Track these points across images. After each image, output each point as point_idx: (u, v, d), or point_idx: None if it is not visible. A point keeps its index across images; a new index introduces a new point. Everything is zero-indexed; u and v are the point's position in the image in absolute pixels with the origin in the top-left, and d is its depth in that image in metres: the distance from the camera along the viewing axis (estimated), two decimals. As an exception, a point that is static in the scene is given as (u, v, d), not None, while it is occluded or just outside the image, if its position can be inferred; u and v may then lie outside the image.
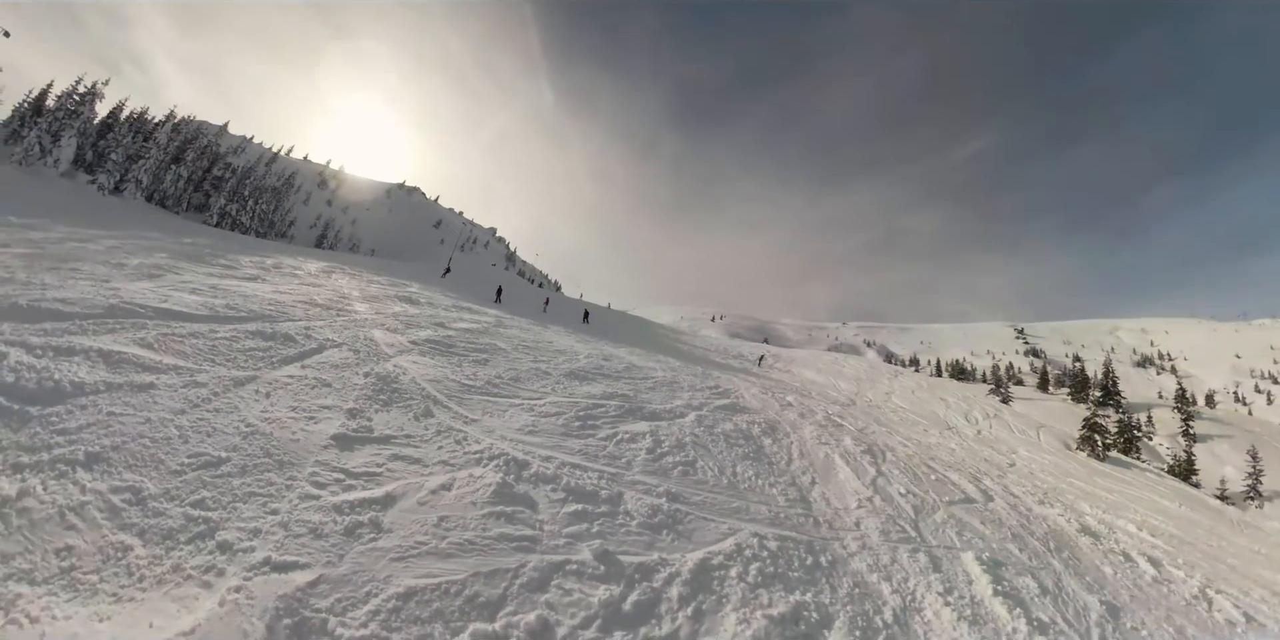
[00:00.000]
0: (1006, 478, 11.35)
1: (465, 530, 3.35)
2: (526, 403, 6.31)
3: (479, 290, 27.57)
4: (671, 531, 4.00)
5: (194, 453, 3.49)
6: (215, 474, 3.34)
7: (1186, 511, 14.93)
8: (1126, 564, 6.61)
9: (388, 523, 3.26)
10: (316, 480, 3.52)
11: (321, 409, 4.59)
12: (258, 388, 4.70)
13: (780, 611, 3.29)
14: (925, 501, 6.86)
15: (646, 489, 4.63)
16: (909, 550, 4.94)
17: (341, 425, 4.36)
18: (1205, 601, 5.92)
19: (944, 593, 4.22)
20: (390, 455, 4.09)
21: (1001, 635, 3.81)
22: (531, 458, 4.63)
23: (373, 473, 3.78)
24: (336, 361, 5.98)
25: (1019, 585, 4.79)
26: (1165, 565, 6.96)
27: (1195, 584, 6.38)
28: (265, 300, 8.32)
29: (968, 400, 30.40)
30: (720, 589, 3.41)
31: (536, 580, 3.05)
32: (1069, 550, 6.54)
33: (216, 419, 3.96)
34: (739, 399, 10.36)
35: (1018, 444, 21.20)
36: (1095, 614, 4.71)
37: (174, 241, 15.16)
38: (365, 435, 4.32)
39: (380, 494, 3.52)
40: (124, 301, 6.12)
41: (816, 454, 7.70)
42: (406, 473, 3.89)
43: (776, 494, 5.49)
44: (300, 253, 23.29)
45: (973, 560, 5.09)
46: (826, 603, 3.57)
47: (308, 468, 3.64)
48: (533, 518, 3.69)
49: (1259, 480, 37.83)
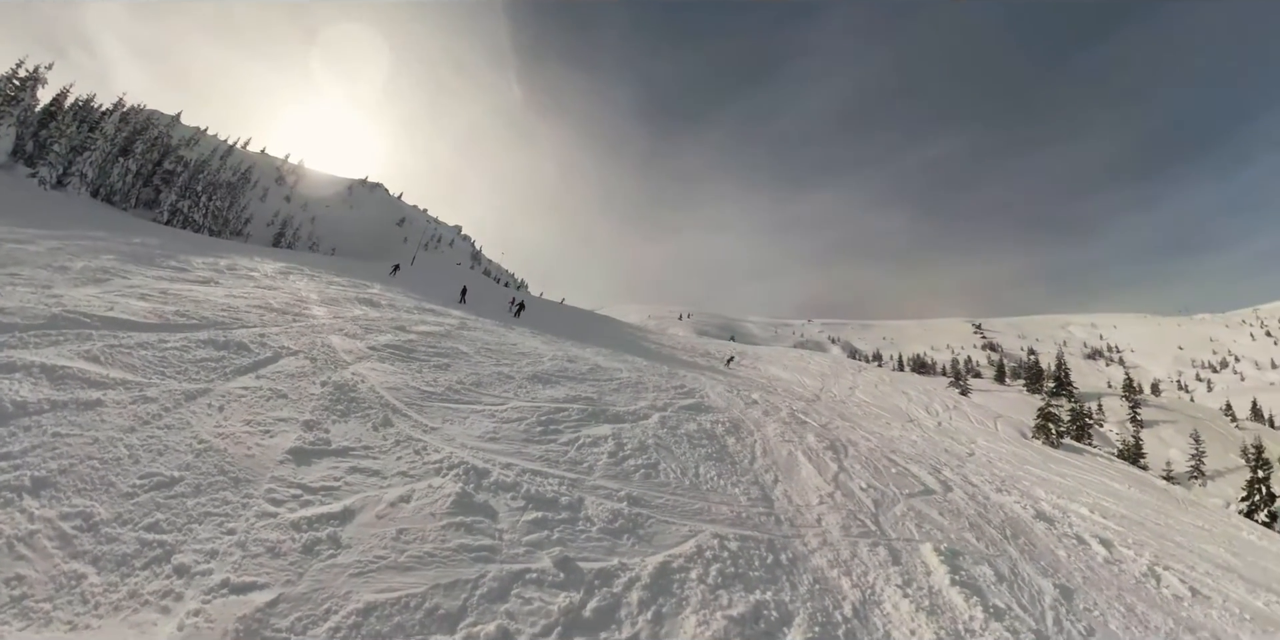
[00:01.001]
0: (965, 467, 11.71)
1: (424, 542, 3.34)
2: (488, 408, 6.21)
3: (443, 291, 27.09)
4: (632, 536, 3.99)
5: (145, 473, 3.42)
6: (169, 495, 3.28)
7: (1135, 493, 15.69)
8: (1079, 546, 6.89)
9: (346, 538, 3.24)
10: (273, 497, 3.48)
11: (277, 422, 4.52)
12: (210, 401, 4.60)
13: (740, 612, 3.31)
14: (885, 495, 7.01)
15: (607, 493, 4.62)
16: (869, 544, 5.04)
17: (298, 438, 4.30)
18: (1154, 578, 6.21)
19: (903, 585, 4.31)
20: (348, 468, 4.05)
21: (959, 624, 3.90)
22: (491, 466, 4.58)
23: (330, 487, 3.74)
24: (292, 371, 5.86)
25: (976, 574, 4.94)
26: (1116, 546, 7.28)
27: (1144, 562, 6.70)
28: (218, 306, 8.08)
29: (928, 393, 31.34)
30: (680, 592, 3.42)
31: (496, 590, 3.06)
32: (1025, 536, 6.78)
33: (168, 436, 3.87)
34: (704, 398, 10.41)
35: (976, 434, 21.93)
36: (1049, 597, 4.89)
37: (122, 241, 14.42)
38: (322, 448, 4.26)
39: (339, 509, 3.49)
40: (68, 310, 5.92)
41: (780, 452, 7.79)
42: (365, 486, 3.86)
43: (739, 493, 5.53)
44: (257, 252, 22.45)
45: (931, 551, 5.21)
46: (786, 600, 3.60)
47: (264, 484, 3.60)
48: (492, 527, 3.67)
49: (1201, 461, 40.71)
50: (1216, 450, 43.20)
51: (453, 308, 19.37)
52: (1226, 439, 46.78)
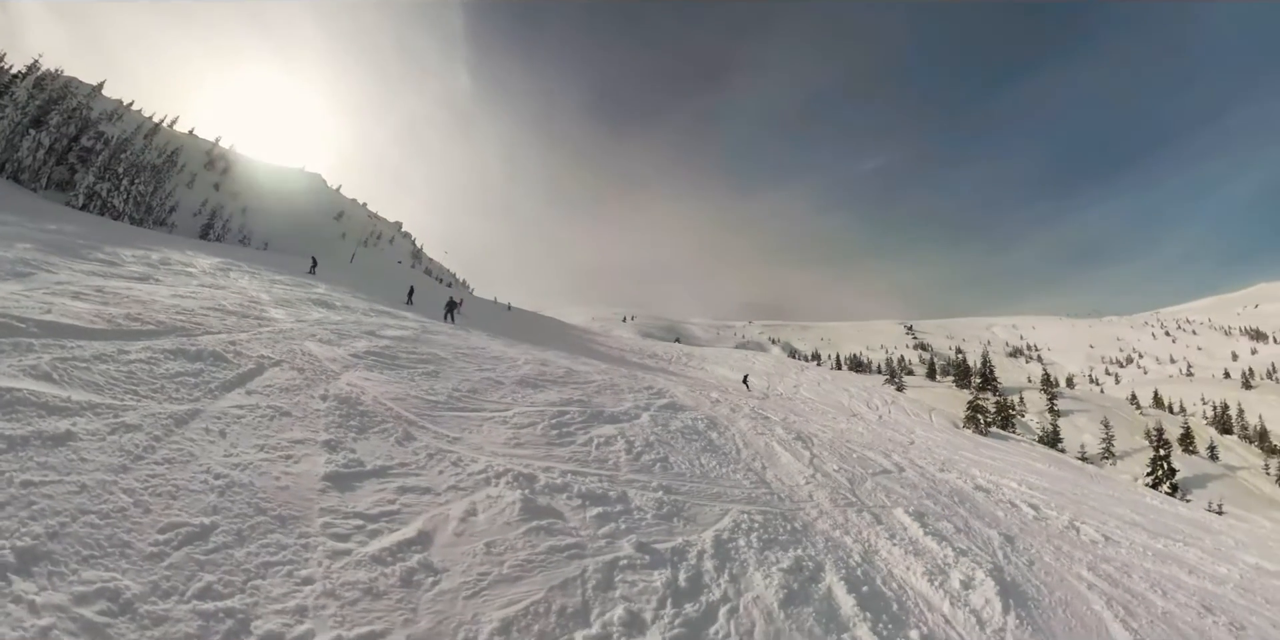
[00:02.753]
0: (910, 453, 13.27)
1: (517, 551, 3.47)
2: (497, 415, 6.62)
3: (388, 291, 26.72)
4: (680, 518, 4.70)
5: (167, 524, 2.85)
6: (208, 549, 2.78)
7: (1055, 470, 17.94)
8: (1013, 509, 8.35)
9: (439, 562, 3.19)
10: (334, 532, 3.23)
11: (294, 444, 4.22)
12: (207, 425, 4.09)
13: (787, 565, 4.20)
14: (855, 474, 8.24)
15: (643, 486, 5.30)
16: (855, 511, 6.17)
17: (327, 461, 4.06)
18: (1074, 529, 7.70)
19: (889, 537, 5.45)
20: (396, 488, 3.96)
21: (937, 560, 5.07)
22: (534, 470, 4.90)
23: (390, 511, 3.62)
24: (284, 384, 5.56)
25: (940, 528, 6.17)
26: (1042, 508, 8.81)
27: (1065, 519, 8.22)
28: (169, 307, 7.49)
29: (867, 390, 33.72)
30: (739, 556, 4.23)
31: (603, 580, 3.37)
32: (969, 502, 8.16)
33: (174, 473, 3.31)
34: (674, 398, 11.36)
35: (914, 425, 24.07)
36: (997, 541, 6.20)
37: (35, 228, 13.73)
38: (359, 470, 4.10)
39: (413, 533, 3.41)
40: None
41: (758, 443, 8.86)
42: (424, 505, 3.83)
43: (741, 479, 6.51)
44: (187, 245, 21.49)
45: (903, 513, 6.45)
46: (814, 555, 4.56)
47: (316, 519, 3.31)
48: (567, 526, 3.96)
49: (1111, 444, 46.22)
50: (1124, 434, 49.19)
51: (403, 310, 19.53)
52: (1132, 424, 53.33)
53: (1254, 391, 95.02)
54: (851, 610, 3.75)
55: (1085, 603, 5.06)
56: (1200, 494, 37.69)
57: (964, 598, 4.37)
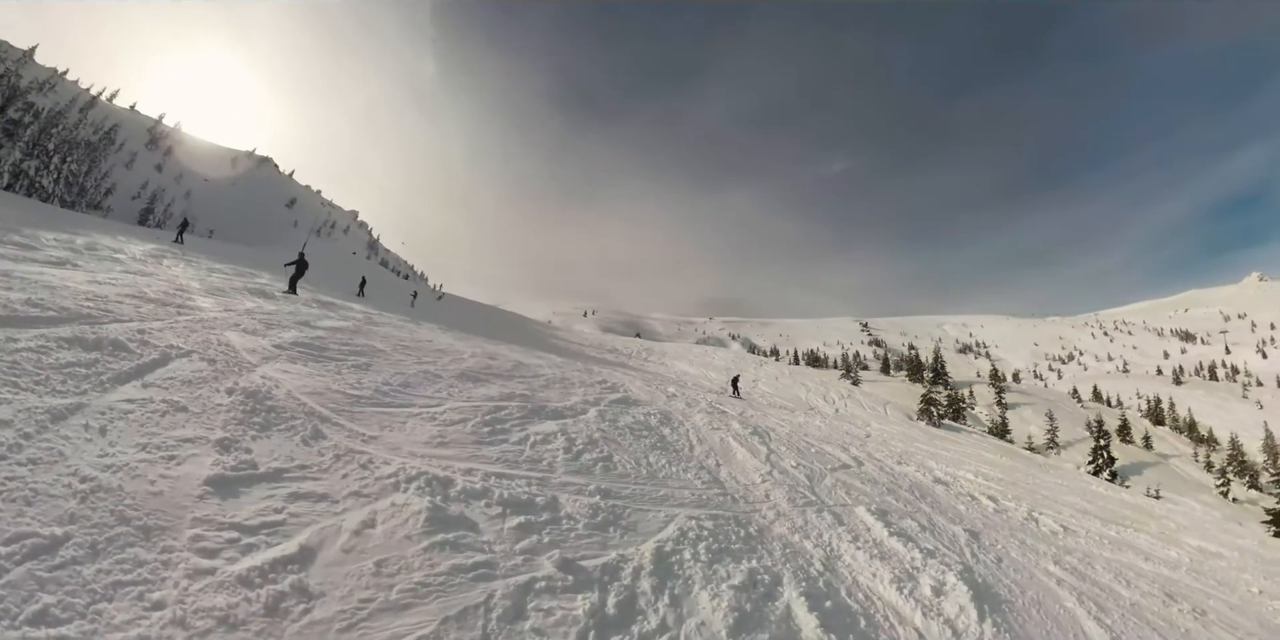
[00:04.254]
0: (867, 446, 13.15)
1: (411, 571, 3.00)
2: (426, 411, 6.05)
3: (339, 282, 25.58)
4: (617, 527, 4.18)
5: (14, 535, 2.52)
6: (53, 564, 2.45)
7: (1006, 461, 18.25)
8: (973, 502, 8.20)
9: (316, 585, 2.75)
10: (202, 546, 2.80)
11: (183, 443, 3.76)
12: (87, 421, 3.68)
13: (739, 581, 3.71)
14: (814, 470, 7.90)
15: (577, 489, 4.78)
16: (815, 511, 5.78)
17: (215, 462, 3.60)
18: (1034, 521, 7.60)
19: (852, 540, 5.05)
20: (288, 494, 3.50)
21: (905, 564, 4.71)
22: (452, 473, 4.39)
23: (274, 522, 3.16)
24: (188, 376, 5.05)
25: (904, 526, 5.84)
26: (1001, 500, 8.70)
27: (1024, 510, 8.12)
28: (80, 293, 6.91)
29: (824, 385, 34.05)
30: (683, 572, 3.70)
31: (511, 608, 2.89)
32: (930, 497, 7.94)
33: (35, 476, 2.94)
34: (629, 393, 10.88)
35: (870, 418, 24.29)
36: (963, 538, 5.93)
37: None
38: (249, 473, 3.64)
39: (294, 549, 2.95)
40: None
41: (713, 439, 8.45)
42: (315, 514, 3.35)
43: (692, 478, 6.05)
44: (121, 231, 19.73)
45: (865, 512, 6.10)
46: (770, 565, 4.11)
47: (185, 530, 2.90)
48: (478, 540, 3.46)
49: (1055, 434, 49.09)
50: (1067, 426, 52.26)
51: (352, 301, 18.65)
52: (1074, 416, 56.59)
53: (1183, 387, 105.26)
54: (814, 633, 3.29)
55: (1057, 600, 4.83)
56: (1137, 480, 39.92)
57: (936, 606, 3.99)
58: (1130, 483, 35.45)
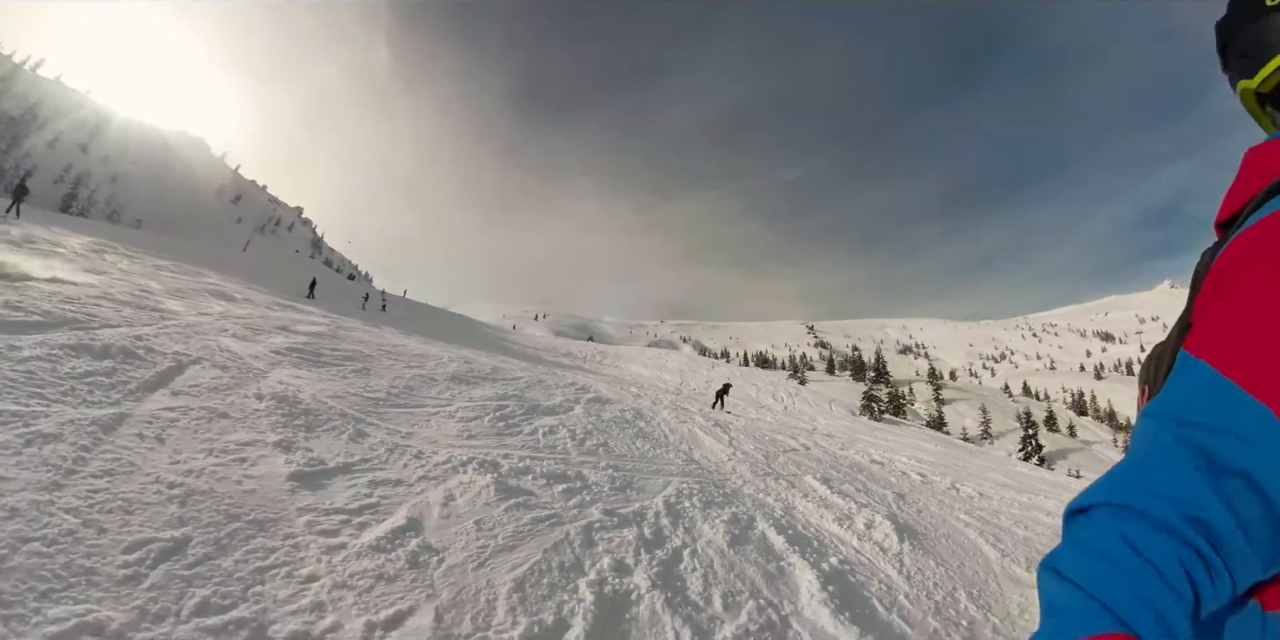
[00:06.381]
0: (814, 436, 14.87)
1: (505, 524, 3.87)
2: (441, 410, 6.96)
3: (286, 282, 25.59)
4: (632, 489, 5.49)
5: (131, 542, 2.61)
6: (189, 561, 2.60)
7: (941, 448, 20.43)
8: (904, 476, 9.86)
9: (437, 542, 3.40)
10: (320, 528, 3.23)
11: (244, 447, 4.09)
12: (139, 430, 3.82)
13: (727, 518, 5.08)
14: (769, 452, 9.45)
15: (594, 466, 6.02)
16: (773, 479, 7.27)
17: (286, 461, 4.00)
18: (955, 489, 9.26)
19: (804, 497, 6.54)
20: (368, 483, 4.05)
21: (843, 510, 6.22)
22: (494, 458, 5.31)
23: (370, 504, 3.72)
24: (210, 383, 5.32)
25: (844, 489, 7.38)
26: (929, 475, 10.40)
27: (948, 482, 9.81)
28: (50, 294, 6.80)
29: (773, 384, 36.07)
30: (687, 514, 5.06)
31: (585, 540, 3.92)
32: (867, 472, 9.57)
33: (118, 486, 3.05)
34: (599, 393, 12.12)
35: (816, 414, 26.32)
36: (891, 498, 7.48)
37: None
38: (322, 468, 4.10)
39: (403, 520, 3.55)
40: None
41: (682, 430, 9.85)
42: (401, 495, 3.99)
43: (674, 458, 7.41)
44: (49, 220, 19.26)
45: (812, 479, 7.65)
46: (746, 510, 5.49)
47: (297, 519, 3.26)
48: (540, 501, 4.47)
49: (988, 426, 53.11)
50: (999, 418, 56.81)
51: (305, 303, 19.15)
52: (1006, 410, 61.60)
53: (1104, 382, 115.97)
54: (783, 546, 4.70)
55: (963, 535, 6.34)
56: (1063, 464, 44.00)
57: (868, 535, 5.48)
58: (1055, 466, 39.09)
